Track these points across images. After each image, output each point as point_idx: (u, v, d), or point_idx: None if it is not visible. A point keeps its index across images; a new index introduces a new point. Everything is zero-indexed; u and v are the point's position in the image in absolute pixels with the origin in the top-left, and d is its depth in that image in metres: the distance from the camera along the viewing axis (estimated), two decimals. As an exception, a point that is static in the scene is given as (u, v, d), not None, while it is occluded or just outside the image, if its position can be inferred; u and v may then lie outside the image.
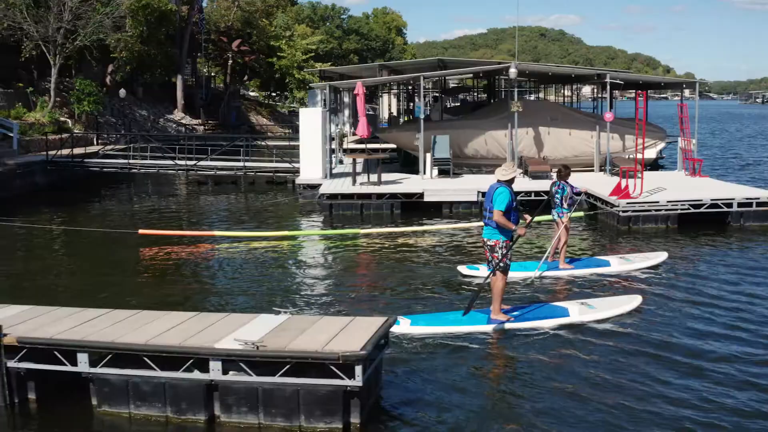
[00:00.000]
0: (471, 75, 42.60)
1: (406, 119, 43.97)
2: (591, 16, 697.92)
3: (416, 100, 42.34)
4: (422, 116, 28.22)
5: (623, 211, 22.00)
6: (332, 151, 32.50)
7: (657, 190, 23.88)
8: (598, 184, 24.93)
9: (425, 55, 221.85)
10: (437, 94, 56.96)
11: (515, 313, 13.41)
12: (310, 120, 27.74)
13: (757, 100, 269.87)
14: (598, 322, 13.24)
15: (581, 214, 23.21)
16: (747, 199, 22.85)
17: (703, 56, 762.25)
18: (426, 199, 24.72)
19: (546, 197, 17.41)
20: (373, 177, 26.29)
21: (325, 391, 9.06)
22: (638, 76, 35.17)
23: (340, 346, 9.10)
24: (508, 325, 12.94)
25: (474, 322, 12.94)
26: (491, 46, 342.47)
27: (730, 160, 46.34)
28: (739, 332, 12.86)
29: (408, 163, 30.35)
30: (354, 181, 25.96)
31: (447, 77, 49.96)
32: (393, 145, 33.13)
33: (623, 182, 22.79)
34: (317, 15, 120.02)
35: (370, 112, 55.39)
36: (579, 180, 26.41)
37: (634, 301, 14.15)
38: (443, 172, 27.71)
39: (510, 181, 12.71)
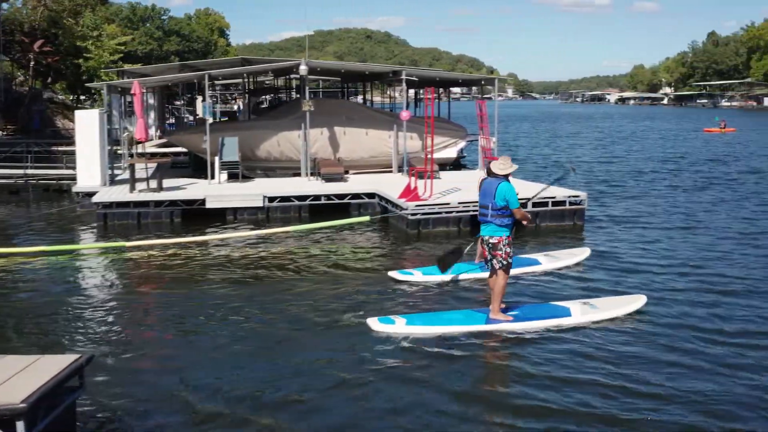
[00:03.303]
0: (272, 74, 40.85)
1: (215, 120, 42.00)
2: (417, 18, 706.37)
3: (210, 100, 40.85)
4: (209, 117, 26.26)
5: (412, 215, 20.77)
6: (120, 155, 30.56)
7: (452, 190, 22.79)
8: (391, 185, 23.64)
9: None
10: (263, 95, 55.31)
11: (515, 312, 12.86)
12: (87, 122, 25.36)
13: (576, 99, 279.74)
14: (602, 322, 12.77)
15: (367, 218, 21.97)
16: (542, 198, 22.00)
17: (527, 57, 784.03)
18: (208, 205, 22.65)
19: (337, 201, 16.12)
20: (154, 183, 24.19)
21: (-17, 450, 7.31)
22: (436, 73, 34.17)
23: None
24: (507, 326, 12.43)
25: (472, 321, 12.52)
26: (317, 48, 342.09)
27: (544, 159, 46.19)
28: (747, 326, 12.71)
29: (199, 167, 28.43)
30: (132, 188, 23.68)
31: (258, 77, 48.32)
32: (182, 149, 31.31)
33: (413, 183, 21.61)
34: (136, 16, 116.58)
35: (187, 115, 53.31)
36: (373, 181, 25.48)
37: (638, 300, 13.52)
38: (233, 176, 26.01)
39: (507, 176, 12.34)
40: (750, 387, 10.20)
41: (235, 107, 77.50)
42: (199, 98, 57.96)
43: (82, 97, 75.05)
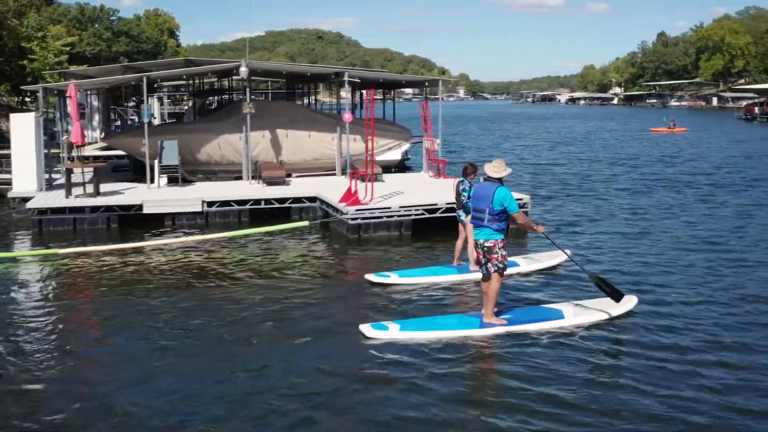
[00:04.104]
0: (215, 76, 40.36)
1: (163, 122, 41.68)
2: (369, 19, 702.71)
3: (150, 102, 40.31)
4: (146, 119, 25.53)
5: (352, 219, 20.37)
6: (60, 159, 29.90)
7: (394, 193, 22.44)
8: (332, 189, 23.16)
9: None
10: (211, 97, 54.58)
11: (507, 316, 12.79)
12: (22, 126, 24.66)
13: (527, 99, 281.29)
14: (595, 324, 12.74)
15: (306, 223, 21.51)
16: (483, 201, 21.73)
17: (480, 58, 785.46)
18: (145, 211, 22.00)
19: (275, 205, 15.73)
20: (91, 188, 23.49)
21: None
22: (379, 75, 33.84)
23: None
24: (501, 329, 12.34)
25: (467, 326, 12.41)
26: (269, 49, 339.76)
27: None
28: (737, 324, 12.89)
29: (140, 170, 27.73)
30: (68, 194, 23.03)
31: (205, 78, 47.70)
32: (120, 152, 30.68)
33: (353, 187, 21.20)
34: (85, 16, 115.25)
35: (134, 117, 52.43)
36: (315, 185, 25.04)
37: (629, 302, 13.43)
38: (173, 180, 25.38)
39: (501, 180, 12.27)
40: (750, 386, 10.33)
41: (186, 108, 76.72)
42: (153, 100, 57.31)
43: (27, 99, 73.99)
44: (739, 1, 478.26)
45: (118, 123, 50.17)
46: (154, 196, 22.99)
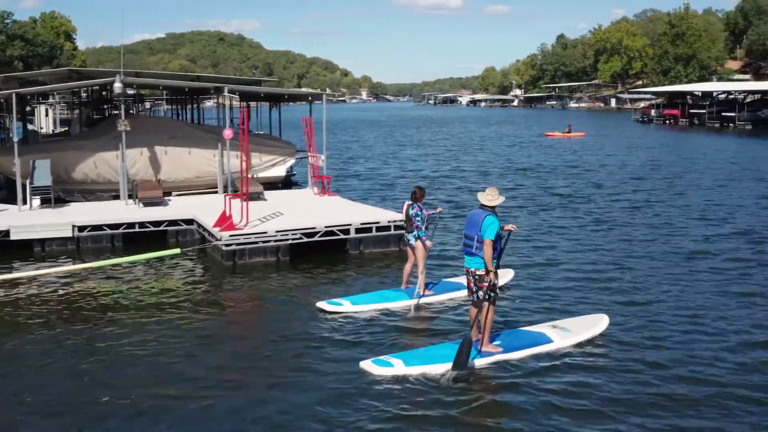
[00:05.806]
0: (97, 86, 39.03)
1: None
2: (272, 21, 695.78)
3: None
4: (16, 137, 24.11)
5: (226, 245, 19.40)
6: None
7: (273, 215, 21.49)
8: (211, 209, 22.00)
9: (101, 60, 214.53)
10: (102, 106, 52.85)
11: (499, 342, 12.86)
12: None
13: (429, 101, 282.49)
14: (580, 345, 13.16)
15: (178, 250, 20.40)
16: (365, 224, 20.95)
17: (383, 59, 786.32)
18: (13, 237, 20.54)
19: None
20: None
21: None
22: (260, 89, 32.72)
23: None
24: (499, 357, 12.48)
25: None
26: (169, 51, 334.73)
27: (382, 173, 43.20)
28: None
29: (14, 190, 26.31)
30: (-70, 219, 21.60)
31: (95, 89, 45.97)
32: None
33: (228, 210, 20.22)
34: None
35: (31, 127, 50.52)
36: (194, 204, 23.93)
37: (603, 320, 13.99)
38: (46, 201, 24.08)
39: (494, 208, 12.25)
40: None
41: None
42: (39, 108, 55.37)
43: None
44: (636, 4, 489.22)
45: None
46: (23, 220, 21.53)
